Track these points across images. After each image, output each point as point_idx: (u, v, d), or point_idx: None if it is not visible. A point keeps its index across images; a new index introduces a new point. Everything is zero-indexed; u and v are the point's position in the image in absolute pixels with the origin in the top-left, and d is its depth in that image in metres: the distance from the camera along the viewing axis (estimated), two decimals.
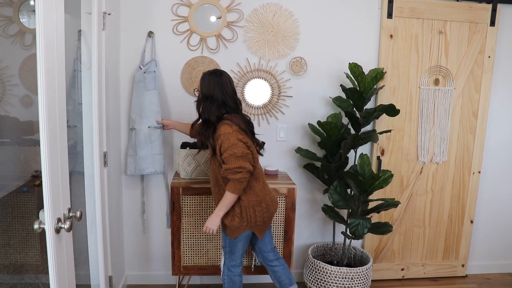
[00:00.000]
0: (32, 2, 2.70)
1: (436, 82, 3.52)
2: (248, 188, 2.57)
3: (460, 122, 3.61)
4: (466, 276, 3.92)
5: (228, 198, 2.49)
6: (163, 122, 3.15)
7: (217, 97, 2.53)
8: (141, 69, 3.18)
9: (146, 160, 3.22)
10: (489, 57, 3.52)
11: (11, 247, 2.76)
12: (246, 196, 2.57)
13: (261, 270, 3.14)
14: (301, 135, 3.51)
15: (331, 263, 3.35)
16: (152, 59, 3.23)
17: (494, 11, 3.45)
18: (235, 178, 2.42)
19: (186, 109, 3.35)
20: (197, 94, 2.52)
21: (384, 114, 3.09)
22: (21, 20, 2.70)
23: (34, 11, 1.47)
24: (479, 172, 3.71)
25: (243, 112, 2.72)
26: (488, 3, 3.44)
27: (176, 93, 3.33)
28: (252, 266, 3.16)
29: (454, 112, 3.59)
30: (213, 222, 2.56)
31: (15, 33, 2.66)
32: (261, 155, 2.76)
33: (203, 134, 2.56)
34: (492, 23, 3.47)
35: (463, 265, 3.88)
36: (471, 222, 3.79)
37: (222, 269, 2.83)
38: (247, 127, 2.59)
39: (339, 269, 3.12)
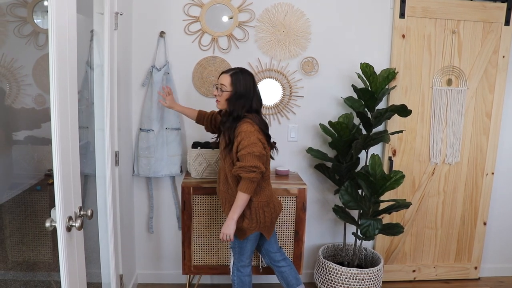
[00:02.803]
0: (46, 3, 2.73)
1: (449, 82, 3.49)
2: (259, 189, 2.57)
3: (473, 123, 3.57)
4: (479, 278, 3.88)
5: (242, 199, 2.47)
6: (166, 104, 3.02)
7: (249, 95, 2.54)
8: (158, 70, 3.20)
9: (162, 162, 3.24)
10: (503, 57, 3.48)
11: (25, 245, 2.79)
12: (256, 197, 2.56)
13: (269, 270, 3.14)
14: (312, 135, 3.50)
15: (341, 264, 3.34)
16: (167, 61, 3.25)
17: (509, 10, 3.41)
18: (249, 177, 2.42)
19: (197, 108, 3.36)
20: (222, 90, 2.48)
21: (396, 114, 3.07)
22: (35, 20, 2.73)
23: (47, 11, 1.49)
24: (493, 173, 3.67)
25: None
26: (502, 2, 3.40)
27: (188, 92, 3.35)
28: (260, 267, 3.15)
29: (467, 113, 3.55)
30: (229, 227, 2.51)
31: (29, 33, 2.69)
32: (273, 158, 2.75)
33: (230, 128, 2.52)
34: (507, 22, 3.43)
35: (476, 268, 3.84)
36: (484, 224, 3.75)
37: (231, 269, 2.82)
38: (265, 129, 2.60)
39: (350, 270, 3.11)
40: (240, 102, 2.53)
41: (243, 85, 2.53)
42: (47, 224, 1.53)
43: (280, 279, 2.90)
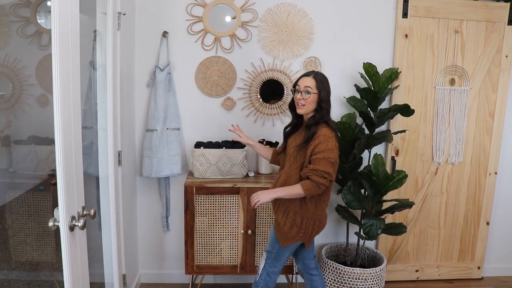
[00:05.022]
0: (49, 3, 2.74)
1: (452, 82, 3.48)
2: (320, 202, 2.51)
3: (476, 122, 3.57)
4: (482, 278, 3.87)
5: (297, 192, 2.39)
6: (241, 138, 2.86)
7: (329, 98, 2.53)
8: (161, 70, 3.21)
9: (163, 162, 3.25)
10: (506, 56, 3.47)
11: (28, 245, 2.80)
12: (315, 209, 2.51)
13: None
14: None
15: (344, 263, 3.33)
16: (169, 61, 3.26)
17: None
18: (318, 181, 2.33)
19: (200, 108, 3.37)
20: (309, 92, 2.42)
21: (399, 114, 3.07)
22: (38, 20, 2.74)
23: (50, 11, 1.49)
24: (496, 173, 3.67)
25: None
26: (506, 1, 3.39)
27: (190, 92, 3.35)
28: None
29: (470, 113, 3.54)
30: (266, 196, 2.43)
31: (32, 34, 2.70)
32: None
33: (309, 129, 2.47)
34: (510, 21, 3.42)
35: (479, 267, 3.83)
36: (487, 223, 3.75)
37: (259, 272, 2.71)
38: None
39: (353, 269, 3.11)
40: (326, 105, 2.49)
41: (326, 87, 2.51)
42: (50, 223, 1.54)
43: (309, 287, 2.84)
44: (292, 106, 2.61)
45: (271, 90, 3.38)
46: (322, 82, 2.49)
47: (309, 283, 2.83)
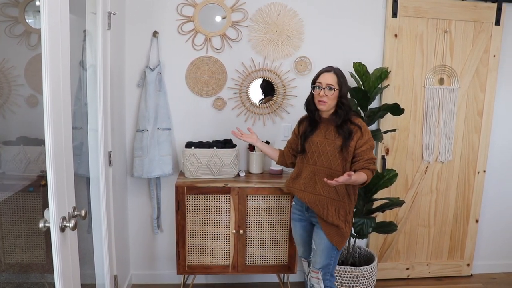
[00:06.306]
0: (37, 3, 2.72)
1: (441, 81, 3.51)
2: (356, 193, 2.56)
3: (465, 121, 3.60)
4: (471, 275, 3.91)
5: (362, 180, 2.35)
6: (251, 137, 2.83)
7: (347, 93, 2.55)
8: (152, 70, 3.20)
9: (153, 163, 3.24)
10: (494, 56, 3.51)
11: (17, 247, 2.77)
12: (356, 201, 2.56)
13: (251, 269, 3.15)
14: None
15: None
16: (159, 61, 3.24)
17: (499, 10, 3.44)
18: (374, 169, 2.45)
19: (191, 108, 3.37)
20: (332, 89, 2.43)
21: (389, 113, 3.09)
22: (26, 20, 2.72)
23: (39, 11, 1.48)
24: (484, 171, 3.70)
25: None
26: (493, 2, 3.43)
27: (181, 92, 3.34)
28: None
29: (459, 111, 3.57)
30: (346, 181, 2.25)
31: (21, 34, 2.67)
32: None
33: (341, 126, 2.47)
34: (497, 22, 3.46)
35: (468, 265, 3.87)
36: (476, 221, 3.78)
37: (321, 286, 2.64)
38: None
39: (344, 268, 3.12)
40: (346, 100, 2.49)
41: (346, 82, 2.52)
42: (41, 224, 1.52)
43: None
44: (310, 103, 2.59)
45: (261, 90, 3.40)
46: (342, 77, 2.50)
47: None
